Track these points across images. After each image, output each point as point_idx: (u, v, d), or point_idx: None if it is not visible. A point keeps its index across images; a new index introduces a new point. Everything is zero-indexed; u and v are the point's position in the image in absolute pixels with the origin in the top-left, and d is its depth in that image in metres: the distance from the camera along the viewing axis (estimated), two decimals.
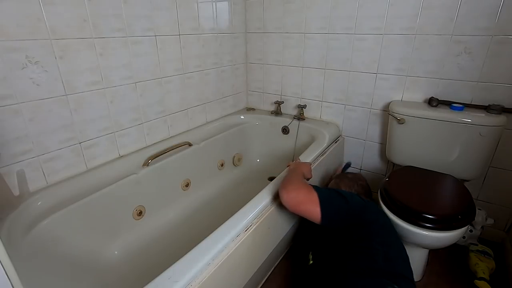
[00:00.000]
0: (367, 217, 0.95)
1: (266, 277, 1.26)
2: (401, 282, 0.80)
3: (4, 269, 0.45)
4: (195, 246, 0.81)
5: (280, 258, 1.36)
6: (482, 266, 1.24)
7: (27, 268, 0.85)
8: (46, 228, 0.99)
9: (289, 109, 1.86)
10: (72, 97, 1.09)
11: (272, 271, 1.30)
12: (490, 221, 1.35)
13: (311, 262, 1.05)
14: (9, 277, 0.46)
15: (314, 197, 0.93)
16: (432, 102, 1.34)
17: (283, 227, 1.14)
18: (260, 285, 1.23)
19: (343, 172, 1.42)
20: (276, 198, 1.05)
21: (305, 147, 1.50)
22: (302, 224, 1.29)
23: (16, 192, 0.99)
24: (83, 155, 1.17)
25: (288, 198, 0.94)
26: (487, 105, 1.25)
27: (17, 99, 0.95)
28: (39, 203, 1.02)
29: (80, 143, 1.15)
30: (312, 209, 0.92)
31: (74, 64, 1.07)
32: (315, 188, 0.97)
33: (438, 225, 1.03)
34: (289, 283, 1.25)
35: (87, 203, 1.10)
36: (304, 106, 1.76)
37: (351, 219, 0.94)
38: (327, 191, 0.99)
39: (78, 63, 1.08)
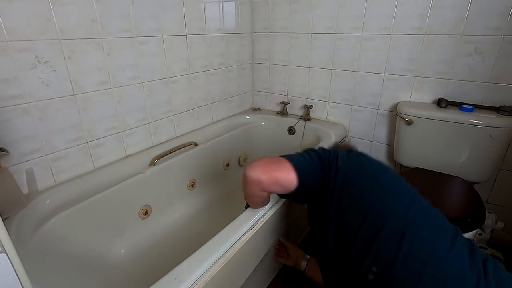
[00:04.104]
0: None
1: (271, 279, 1.26)
2: None
3: (13, 267, 0.45)
4: (201, 245, 0.81)
5: None
6: None
7: (35, 266, 0.85)
8: (54, 226, 1.00)
9: (295, 109, 1.85)
10: (80, 97, 1.10)
11: (277, 273, 1.29)
12: (500, 224, 1.33)
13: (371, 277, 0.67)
14: (18, 274, 0.46)
15: (280, 158, 0.80)
16: (441, 103, 1.32)
17: (287, 224, 1.13)
18: (267, 285, 1.23)
19: None
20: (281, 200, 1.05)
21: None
22: None
23: (25, 190, 1.01)
24: (90, 154, 1.18)
25: (253, 169, 0.78)
26: (498, 106, 1.23)
27: (27, 99, 0.97)
28: (48, 201, 1.03)
29: (87, 142, 1.16)
30: (284, 166, 0.77)
31: (82, 64, 1.08)
32: None
33: None
34: (294, 285, 1.24)
35: (94, 202, 1.11)
36: (311, 107, 1.75)
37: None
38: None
39: (86, 63, 1.09)
